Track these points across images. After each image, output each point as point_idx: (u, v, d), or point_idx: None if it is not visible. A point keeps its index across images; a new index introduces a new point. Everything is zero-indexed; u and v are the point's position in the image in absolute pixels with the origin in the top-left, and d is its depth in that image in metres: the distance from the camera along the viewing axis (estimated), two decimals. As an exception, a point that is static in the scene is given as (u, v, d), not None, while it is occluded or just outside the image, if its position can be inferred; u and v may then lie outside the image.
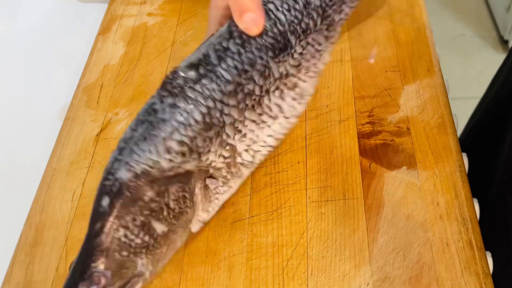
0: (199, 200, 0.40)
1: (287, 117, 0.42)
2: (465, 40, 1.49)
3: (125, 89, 0.59)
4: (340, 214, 0.44)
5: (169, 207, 0.37)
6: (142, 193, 0.36)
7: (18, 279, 0.44)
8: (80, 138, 0.54)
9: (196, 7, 0.67)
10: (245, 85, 0.38)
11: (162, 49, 0.63)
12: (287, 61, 0.40)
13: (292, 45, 0.40)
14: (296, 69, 0.41)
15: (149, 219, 0.36)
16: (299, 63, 0.41)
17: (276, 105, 0.41)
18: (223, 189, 0.42)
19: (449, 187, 0.44)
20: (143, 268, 0.37)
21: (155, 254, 0.37)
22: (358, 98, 0.52)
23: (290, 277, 0.41)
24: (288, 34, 0.40)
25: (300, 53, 0.41)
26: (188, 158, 0.37)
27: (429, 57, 0.55)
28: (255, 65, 0.39)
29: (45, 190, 0.50)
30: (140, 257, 0.36)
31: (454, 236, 0.42)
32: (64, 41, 0.70)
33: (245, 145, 0.41)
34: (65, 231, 0.47)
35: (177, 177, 0.37)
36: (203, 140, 0.38)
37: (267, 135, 0.42)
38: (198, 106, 0.37)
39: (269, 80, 0.40)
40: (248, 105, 0.39)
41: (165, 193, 0.37)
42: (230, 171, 0.41)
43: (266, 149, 0.43)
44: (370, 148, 0.48)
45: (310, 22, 0.41)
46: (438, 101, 0.51)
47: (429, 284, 0.39)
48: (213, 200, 0.42)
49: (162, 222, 0.37)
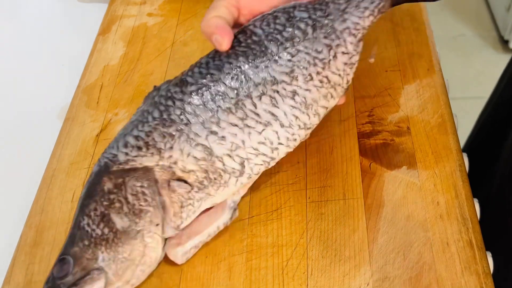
0: (167, 203, 0.40)
1: (284, 125, 0.42)
2: (465, 40, 1.49)
3: (125, 89, 0.59)
4: (340, 214, 0.44)
5: (128, 201, 0.39)
6: (102, 184, 0.39)
7: (18, 279, 0.44)
8: (80, 138, 0.54)
9: (196, 7, 0.67)
10: (211, 86, 0.41)
11: (162, 49, 0.63)
12: (270, 66, 0.41)
13: (272, 51, 0.41)
14: (288, 76, 0.41)
15: (108, 210, 0.38)
16: (291, 69, 0.42)
17: (266, 112, 0.41)
18: (199, 196, 0.41)
19: (449, 187, 0.44)
20: (103, 264, 0.38)
21: (117, 251, 0.38)
22: (358, 97, 0.52)
23: (290, 277, 0.41)
24: (265, 42, 0.42)
25: (289, 60, 0.42)
26: (145, 152, 0.39)
27: (429, 57, 0.55)
28: (222, 69, 0.41)
29: (45, 190, 0.50)
30: (100, 250, 0.38)
31: (454, 236, 0.41)
32: (64, 41, 0.70)
33: (226, 149, 0.40)
34: (65, 232, 0.47)
35: (134, 170, 0.39)
36: (161, 135, 0.40)
37: (258, 142, 0.41)
38: (158, 106, 0.41)
39: (247, 84, 0.41)
40: (221, 106, 0.40)
41: (122, 185, 0.39)
42: (208, 176, 0.40)
43: (259, 158, 0.42)
44: (370, 148, 0.48)
45: (296, 31, 0.43)
46: (438, 100, 0.51)
47: (429, 284, 0.39)
48: (186, 206, 0.40)
49: (121, 216, 0.38)
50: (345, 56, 0.44)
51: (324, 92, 0.43)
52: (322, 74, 0.43)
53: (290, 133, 0.42)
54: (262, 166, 0.42)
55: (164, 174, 0.40)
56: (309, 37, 0.43)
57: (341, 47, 0.44)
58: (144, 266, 0.40)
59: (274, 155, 0.42)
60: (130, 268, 0.39)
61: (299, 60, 0.42)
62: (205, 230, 0.42)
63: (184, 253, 0.42)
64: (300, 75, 0.42)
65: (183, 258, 0.42)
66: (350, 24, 0.45)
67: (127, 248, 0.38)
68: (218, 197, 0.42)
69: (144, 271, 0.40)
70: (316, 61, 0.42)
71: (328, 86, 0.43)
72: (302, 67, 0.42)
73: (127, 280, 0.39)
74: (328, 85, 0.43)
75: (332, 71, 0.43)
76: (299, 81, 0.42)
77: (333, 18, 0.44)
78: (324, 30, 0.44)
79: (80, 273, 0.37)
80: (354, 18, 0.45)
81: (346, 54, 0.44)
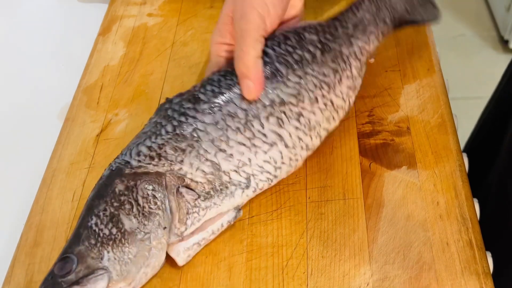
0: (174, 208, 0.40)
1: (288, 146, 0.43)
2: (465, 40, 1.49)
3: (125, 89, 0.59)
4: (340, 214, 0.44)
5: (138, 203, 0.39)
6: (114, 186, 0.40)
7: (19, 279, 0.44)
8: (80, 138, 0.54)
9: (196, 7, 0.67)
10: (222, 106, 0.42)
11: (162, 50, 0.63)
12: (278, 88, 0.43)
13: (282, 74, 0.43)
14: (295, 98, 0.43)
15: (118, 211, 0.39)
16: (298, 92, 0.43)
17: (273, 132, 0.43)
18: (205, 204, 0.41)
19: (449, 187, 0.44)
20: (108, 264, 0.38)
21: (123, 252, 0.38)
22: (358, 98, 0.52)
23: (290, 277, 0.41)
24: (277, 64, 0.44)
25: (298, 83, 0.43)
26: (157, 162, 0.41)
27: (429, 56, 0.55)
28: (233, 89, 0.43)
29: (45, 190, 0.50)
30: (107, 249, 0.38)
31: (454, 236, 0.42)
32: (64, 41, 0.70)
33: (233, 165, 0.42)
34: (65, 232, 0.47)
35: (146, 174, 0.40)
36: (173, 149, 0.41)
37: (263, 160, 0.43)
38: (171, 120, 0.42)
39: (256, 105, 0.42)
40: (230, 126, 0.42)
41: (134, 188, 0.40)
42: (215, 187, 0.41)
43: (264, 175, 0.43)
44: (370, 147, 0.48)
45: (305, 54, 0.45)
46: (438, 100, 0.51)
47: (429, 284, 0.39)
48: (192, 213, 0.41)
49: (131, 218, 0.39)
50: (350, 80, 0.47)
51: (327, 114, 0.45)
52: (326, 97, 0.45)
53: (293, 154, 0.44)
54: (266, 182, 0.44)
55: (174, 180, 0.41)
56: (317, 60, 0.45)
57: (346, 71, 0.46)
58: (148, 269, 0.40)
59: (277, 174, 0.44)
60: (134, 269, 0.39)
61: (306, 83, 0.44)
62: (209, 226, 0.42)
63: (186, 249, 0.41)
64: (306, 98, 0.44)
65: (184, 256, 0.42)
66: (356, 48, 0.48)
67: (133, 250, 0.38)
68: (224, 207, 0.43)
69: (147, 274, 0.40)
70: (323, 84, 0.45)
71: (332, 109, 0.45)
72: (308, 90, 0.44)
73: (129, 282, 0.39)
74: (331, 108, 0.45)
75: (336, 95, 0.45)
76: (305, 103, 0.44)
77: (341, 43, 0.47)
78: (332, 54, 0.46)
79: (83, 271, 0.37)
80: (360, 43, 0.48)
81: (351, 78, 0.47)
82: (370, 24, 0.49)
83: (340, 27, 0.48)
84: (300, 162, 0.45)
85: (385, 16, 0.50)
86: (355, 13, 0.49)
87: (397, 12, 0.51)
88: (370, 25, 0.49)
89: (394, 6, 0.50)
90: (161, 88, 0.58)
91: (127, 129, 0.54)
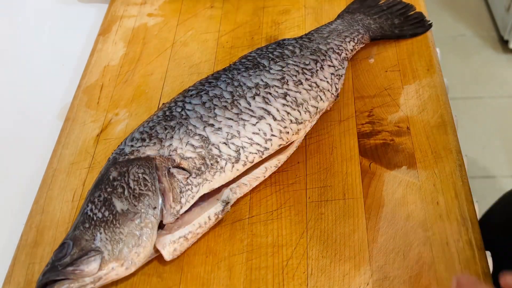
0: (167, 188, 0.41)
1: (276, 119, 0.45)
2: (465, 40, 1.48)
3: (125, 89, 0.59)
4: (340, 214, 0.44)
5: (129, 186, 0.41)
6: (109, 174, 0.42)
7: (19, 279, 0.44)
8: (80, 138, 0.54)
9: (196, 7, 0.67)
10: (209, 90, 0.47)
11: (162, 50, 0.63)
12: (262, 75, 0.48)
13: (264, 65, 0.49)
14: (279, 81, 0.47)
15: (111, 196, 0.41)
16: (282, 77, 0.48)
17: (260, 108, 0.46)
18: (197, 181, 0.42)
19: (449, 187, 0.44)
20: (100, 244, 0.39)
21: (114, 232, 0.40)
22: (358, 98, 0.52)
23: (290, 277, 0.41)
24: (258, 59, 0.50)
25: (280, 70, 0.48)
26: (148, 142, 0.44)
27: (429, 57, 0.55)
28: (219, 78, 0.48)
29: (45, 190, 0.50)
30: (99, 231, 0.40)
31: (454, 236, 0.42)
32: (64, 41, 0.70)
33: (222, 137, 0.44)
34: (65, 232, 0.47)
35: (138, 159, 0.43)
36: (162, 128, 0.44)
37: (252, 132, 0.44)
38: (162, 108, 0.47)
39: (242, 88, 0.47)
40: (217, 105, 0.45)
41: (126, 173, 0.42)
42: (205, 162, 0.43)
43: (254, 147, 0.44)
44: (370, 148, 0.48)
45: (285, 51, 0.50)
46: (438, 101, 0.51)
47: (428, 283, 0.39)
48: (185, 191, 0.42)
49: (122, 200, 0.41)
50: (331, 68, 0.51)
51: (314, 94, 0.48)
52: (311, 80, 0.49)
53: (283, 126, 0.46)
54: (256, 155, 0.45)
55: (164, 162, 0.43)
56: (297, 55, 0.50)
57: (327, 61, 0.51)
58: (140, 248, 0.40)
59: (267, 145, 0.45)
60: (126, 249, 0.40)
61: (289, 70, 0.49)
62: (195, 219, 0.43)
63: (172, 242, 0.41)
64: (290, 81, 0.48)
65: (170, 249, 0.41)
66: (333, 45, 0.53)
67: (124, 229, 0.40)
68: (215, 183, 0.43)
69: (139, 254, 0.40)
70: (305, 71, 0.49)
71: (318, 90, 0.49)
72: (292, 75, 0.48)
73: (121, 262, 0.39)
74: (317, 89, 0.49)
75: (320, 79, 0.49)
76: (290, 85, 0.48)
77: (318, 42, 0.53)
78: (310, 49, 0.51)
79: (78, 253, 0.39)
80: (336, 42, 0.53)
81: (332, 67, 0.51)
82: (344, 32, 0.54)
83: (315, 33, 0.54)
84: (290, 135, 0.46)
85: (359, 29, 0.55)
86: (329, 26, 0.55)
87: (371, 29, 0.56)
88: (344, 32, 0.54)
89: (368, 25, 0.56)
90: (161, 88, 0.58)
91: (127, 129, 0.54)
